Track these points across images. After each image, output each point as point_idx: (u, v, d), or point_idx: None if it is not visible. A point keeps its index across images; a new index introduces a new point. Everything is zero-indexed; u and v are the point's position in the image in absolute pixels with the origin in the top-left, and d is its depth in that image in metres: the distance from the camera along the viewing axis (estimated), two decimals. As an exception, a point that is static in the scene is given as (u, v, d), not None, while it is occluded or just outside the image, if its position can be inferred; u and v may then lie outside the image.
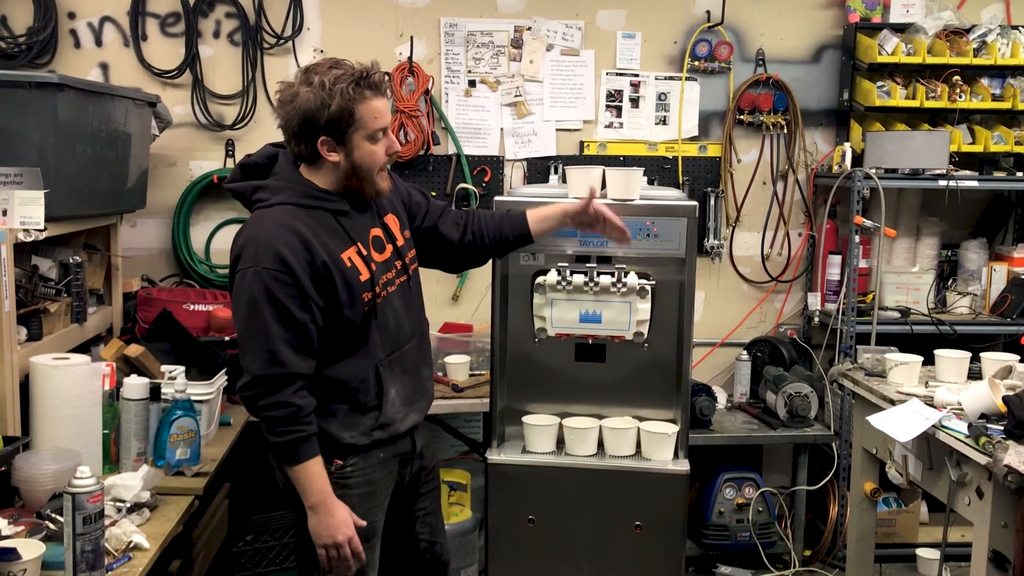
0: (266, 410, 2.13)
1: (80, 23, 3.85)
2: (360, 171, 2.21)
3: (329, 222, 2.22)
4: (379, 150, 2.21)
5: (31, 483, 2.19)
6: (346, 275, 2.19)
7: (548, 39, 4.07)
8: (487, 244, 2.58)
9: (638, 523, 2.96)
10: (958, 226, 4.29)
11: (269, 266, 2.09)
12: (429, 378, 2.49)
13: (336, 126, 2.14)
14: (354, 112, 2.14)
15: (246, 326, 2.14)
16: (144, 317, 3.37)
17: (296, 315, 2.12)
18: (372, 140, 2.19)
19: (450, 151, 4.07)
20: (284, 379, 2.12)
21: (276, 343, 2.10)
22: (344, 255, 2.20)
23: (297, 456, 2.15)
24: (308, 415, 2.16)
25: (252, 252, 2.12)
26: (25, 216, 2.45)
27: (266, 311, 2.10)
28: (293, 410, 2.12)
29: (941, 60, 3.95)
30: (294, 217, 2.16)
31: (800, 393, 3.78)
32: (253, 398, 2.14)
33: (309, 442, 2.16)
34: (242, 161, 2.33)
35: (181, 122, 3.91)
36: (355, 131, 2.16)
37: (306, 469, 2.16)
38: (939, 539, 2.65)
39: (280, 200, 2.20)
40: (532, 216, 2.61)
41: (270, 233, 2.13)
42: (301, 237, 2.13)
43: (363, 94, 2.14)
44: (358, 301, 2.21)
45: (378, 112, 2.18)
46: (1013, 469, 2.19)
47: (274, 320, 2.10)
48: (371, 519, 2.32)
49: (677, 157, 4.16)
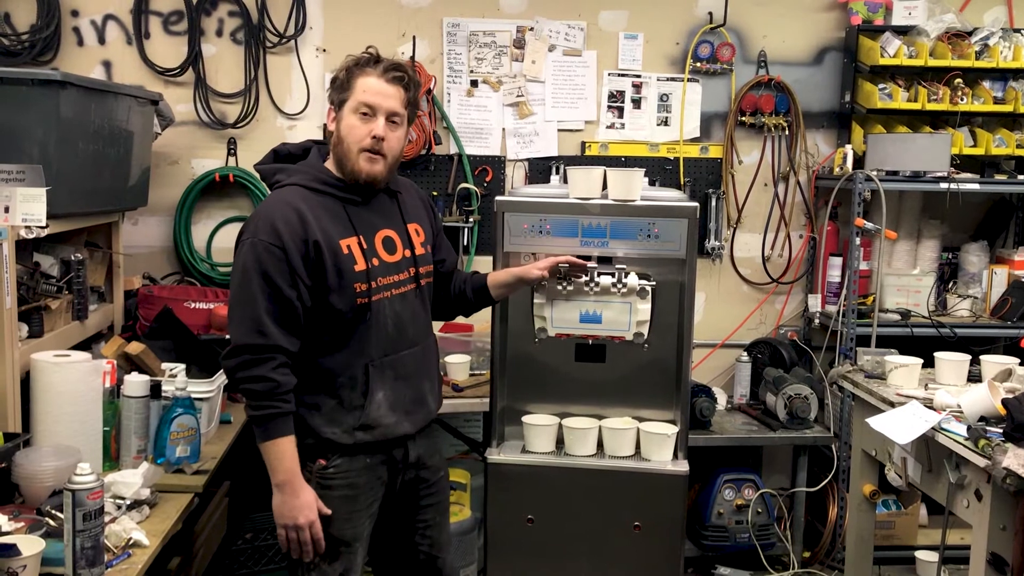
0: (245, 382, 2.17)
1: (83, 21, 3.86)
2: (341, 143, 2.27)
3: (336, 209, 2.26)
4: (361, 127, 2.25)
5: (31, 480, 2.19)
6: (339, 260, 2.22)
7: (550, 39, 4.07)
8: (450, 299, 2.64)
9: (637, 523, 2.96)
10: (959, 229, 4.29)
11: (264, 238, 2.17)
12: (432, 391, 2.45)
13: (336, 93, 2.28)
14: (349, 80, 2.25)
15: (236, 294, 2.20)
16: (145, 315, 3.38)
17: (284, 290, 2.16)
18: (357, 115, 2.25)
19: (452, 151, 4.07)
20: (265, 350, 2.15)
21: (261, 314, 2.15)
22: (343, 242, 2.24)
23: (268, 431, 2.17)
24: (286, 392, 2.17)
25: (253, 225, 2.21)
26: (27, 213, 2.45)
27: (255, 282, 2.16)
28: (272, 385, 2.15)
29: (943, 63, 3.95)
30: (299, 197, 2.23)
31: (800, 395, 3.78)
32: (234, 368, 2.18)
33: (283, 419, 2.18)
34: (276, 148, 2.43)
35: (183, 120, 3.91)
36: (347, 100, 2.26)
37: (277, 446, 2.18)
38: (938, 541, 2.65)
39: (292, 181, 2.28)
40: (490, 279, 2.66)
41: (272, 209, 2.22)
42: (299, 214, 2.19)
43: (364, 69, 2.25)
44: (348, 290, 2.23)
45: (369, 88, 2.25)
46: (1012, 472, 2.19)
47: (262, 292, 2.15)
48: (353, 523, 2.31)
49: (678, 158, 4.16)
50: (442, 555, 2.54)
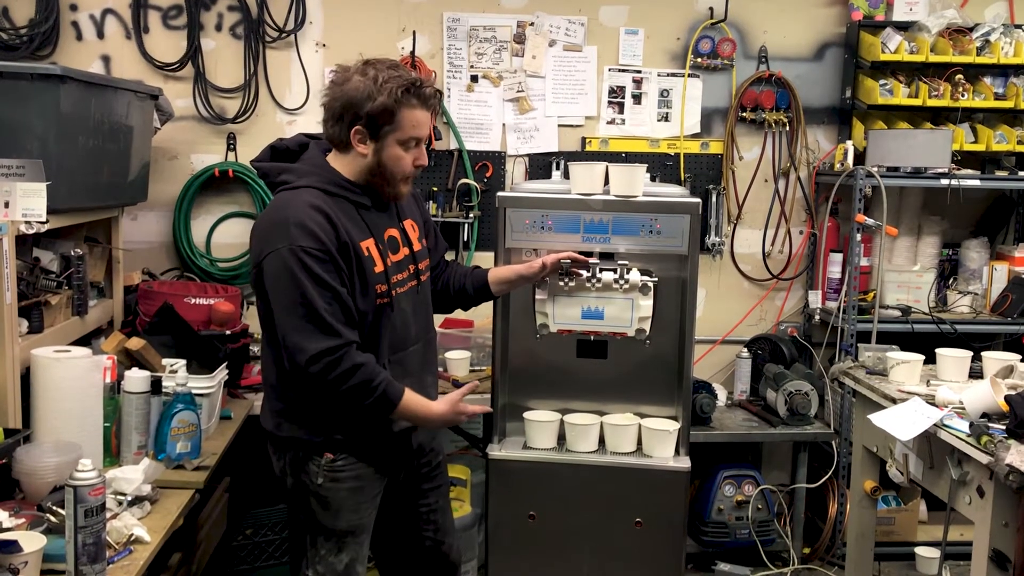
0: (339, 383, 2.15)
1: (82, 15, 3.84)
2: (384, 171, 2.25)
3: (351, 212, 2.26)
4: (407, 158, 2.25)
5: (32, 476, 2.19)
6: (362, 262, 2.22)
7: (551, 34, 4.06)
8: (450, 294, 2.65)
9: (638, 519, 2.96)
10: (959, 225, 4.29)
11: (304, 244, 2.13)
12: (433, 384, 2.49)
13: (375, 121, 2.20)
14: (395, 114, 2.19)
15: (288, 304, 2.14)
16: (145, 310, 3.36)
17: (337, 288, 2.16)
18: (403, 146, 2.23)
19: (452, 146, 4.06)
20: (340, 348, 2.15)
21: (325, 316, 2.13)
22: (363, 244, 2.24)
23: (391, 403, 2.22)
24: (375, 367, 2.20)
25: (283, 233, 2.14)
26: (27, 208, 2.44)
27: (309, 286, 2.12)
28: (361, 370, 2.16)
29: (944, 59, 3.94)
30: (320, 199, 2.21)
31: (800, 391, 3.78)
32: (321, 373, 2.14)
33: (391, 387, 2.22)
34: (273, 143, 2.39)
35: (183, 115, 3.90)
36: (391, 132, 2.21)
37: (406, 408, 2.24)
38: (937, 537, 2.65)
39: (306, 183, 2.24)
40: (492, 275, 2.67)
41: (301, 213, 2.16)
42: (327, 216, 2.18)
43: (410, 101, 2.20)
44: (371, 291, 2.24)
45: (418, 122, 2.23)
46: (1015, 468, 2.18)
47: (318, 295, 2.13)
48: (360, 514, 2.34)
49: (679, 154, 4.16)
50: (448, 539, 2.58)
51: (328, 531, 2.32)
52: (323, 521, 2.32)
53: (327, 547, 2.32)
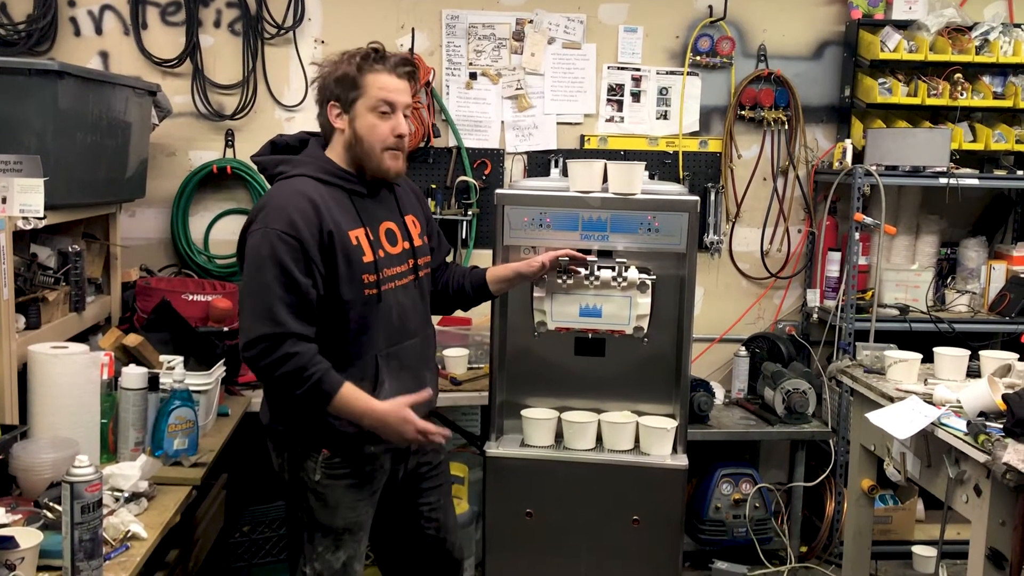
0: (271, 369, 2.15)
1: (80, 11, 3.83)
2: (362, 142, 2.26)
3: (343, 200, 2.27)
4: (381, 125, 2.25)
5: (29, 472, 2.19)
6: (349, 251, 2.22)
7: (550, 32, 4.05)
8: (449, 294, 2.64)
9: (636, 517, 2.96)
10: (958, 224, 4.29)
11: (277, 227, 2.15)
12: (432, 380, 2.48)
13: (344, 91, 2.25)
14: (359, 79, 2.24)
15: (249, 284, 2.19)
16: (143, 307, 3.36)
17: (299, 278, 2.15)
18: (375, 113, 2.24)
19: (450, 144, 4.06)
20: (281, 337, 2.14)
21: (275, 303, 2.14)
22: (352, 233, 2.24)
23: (326, 394, 2.17)
24: (313, 356, 2.16)
25: (264, 215, 2.19)
26: (24, 204, 2.43)
27: (268, 271, 2.14)
28: (295, 358, 2.14)
29: (943, 58, 3.95)
30: (311, 187, 2.23)
31: (798, 389, 3.78)
32: (254, 359, 2.16)
33: (327, 377, 2.17)
34: (274, 139, 2.42)
35: (181, 112, 3.89)
36: (359, 98, 2.24)
37: (342, 400, 2.18)
38: (934, 536, 2.65)
39: (300, 172, 2.27)
40: (490, 274, 2.66)
41: (284, 198, 2.20)
42: (313, 204, 2.19)
43: (373, 66, 2.24)
44: (357, 281, 2.24)
45: (383, 86, 2.24)
46: (1012, 467, 2.19)
47: (277, 281, 2.14)
48: (357, 512, 2.34)
49: (678, 152, 4.16)
50: (450, 537, 2.57)
51: (326, 528, 2.32)
52: (320, 518, 2.32)
53: (324, 544, 2.32)
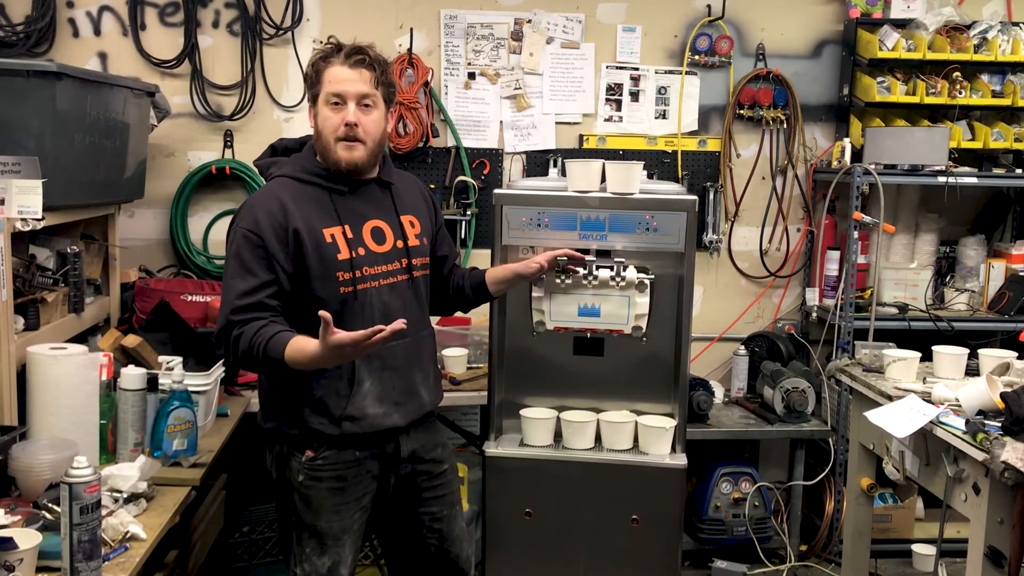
0: (233, 357, 2.20)
1: (79, 12, 3.83)
2: (319, 136, 2.31)
3: (322, 198, 2.30)
4: (333, 117, 2.27)
5: (28, 473, 2.19)
6: (321, 248, 2.24)
7: (548, 32, 4.06)
8: (449, 296, 2.65)
9: (635, 516, 2.96)
10: (957, 223, 4.29)
11: (244, 226, 2.23)
12: (424, 382, 2.42)
13: (310, 88, 2.32)
14: (319, 74, 2.28)
15: (223, 279, 2.27)
16: (142, 308, 3.36)
17: (259, 275, 2.20)
18: (329, 106, 2.28)
19: (449, 143, 4.06)
20: (230, 326, 2.19)
21: (233, 298, 2.20)
22: (327, 231, 2.26)
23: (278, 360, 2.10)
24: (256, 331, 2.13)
25: (237, 215, 2.28)
26: (23, 205, 2.43)
27: (231, 267, 2.22)
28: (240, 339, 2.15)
29: (941, 56, 3.95)
30: (284, 187, 2.29)
31: (797, 388, 3.78)
32: (224, 353, 2.23)
33: (272, 343, 2.11)
34: (274, 143, 2.47)
35: (180, 112, 3.89)
36: (319, 92, 2.30)
37: (292, 360, 2.09)
38: (934, 535, 2.65)
39: (281, 172, 2.33)
40: (489, 275, 2.66)
41: (256, 198, 2.29)
42: (281, 203, 2.24)
43: (328, 61, 2.28)
44: (331, 278, 2.25)
45: (335, 77, 2.27)
46: (1010, 466, 2.19)
47: (239, 277, 2.20)
48: (341, 516, 2.31)
49: (676, 151, 4.16)
50: (454, 549, 2.52)
51: (311, 530, 2.30)
52: (306, 519, 2.31)
53: (311, 546, 2.30)
